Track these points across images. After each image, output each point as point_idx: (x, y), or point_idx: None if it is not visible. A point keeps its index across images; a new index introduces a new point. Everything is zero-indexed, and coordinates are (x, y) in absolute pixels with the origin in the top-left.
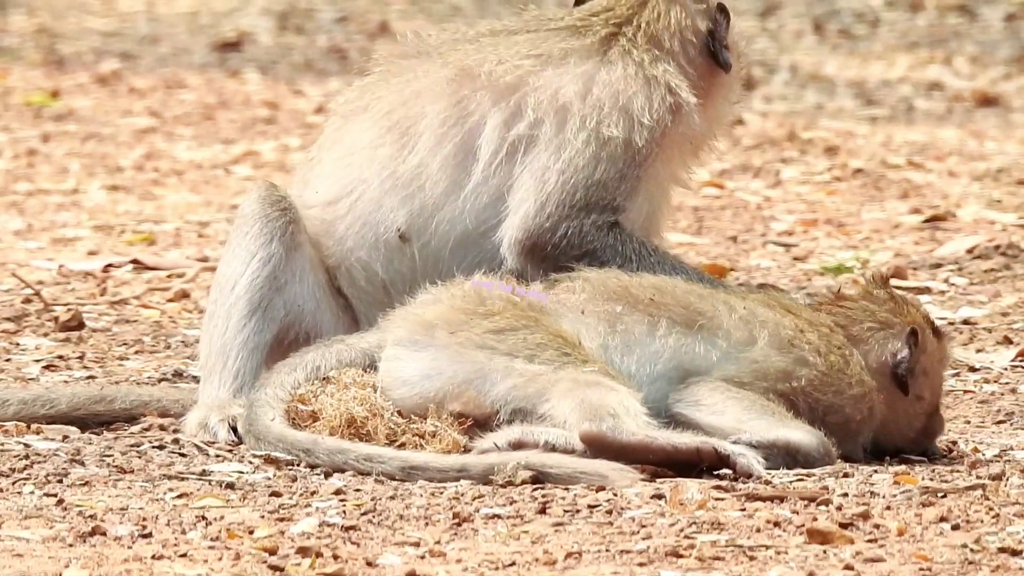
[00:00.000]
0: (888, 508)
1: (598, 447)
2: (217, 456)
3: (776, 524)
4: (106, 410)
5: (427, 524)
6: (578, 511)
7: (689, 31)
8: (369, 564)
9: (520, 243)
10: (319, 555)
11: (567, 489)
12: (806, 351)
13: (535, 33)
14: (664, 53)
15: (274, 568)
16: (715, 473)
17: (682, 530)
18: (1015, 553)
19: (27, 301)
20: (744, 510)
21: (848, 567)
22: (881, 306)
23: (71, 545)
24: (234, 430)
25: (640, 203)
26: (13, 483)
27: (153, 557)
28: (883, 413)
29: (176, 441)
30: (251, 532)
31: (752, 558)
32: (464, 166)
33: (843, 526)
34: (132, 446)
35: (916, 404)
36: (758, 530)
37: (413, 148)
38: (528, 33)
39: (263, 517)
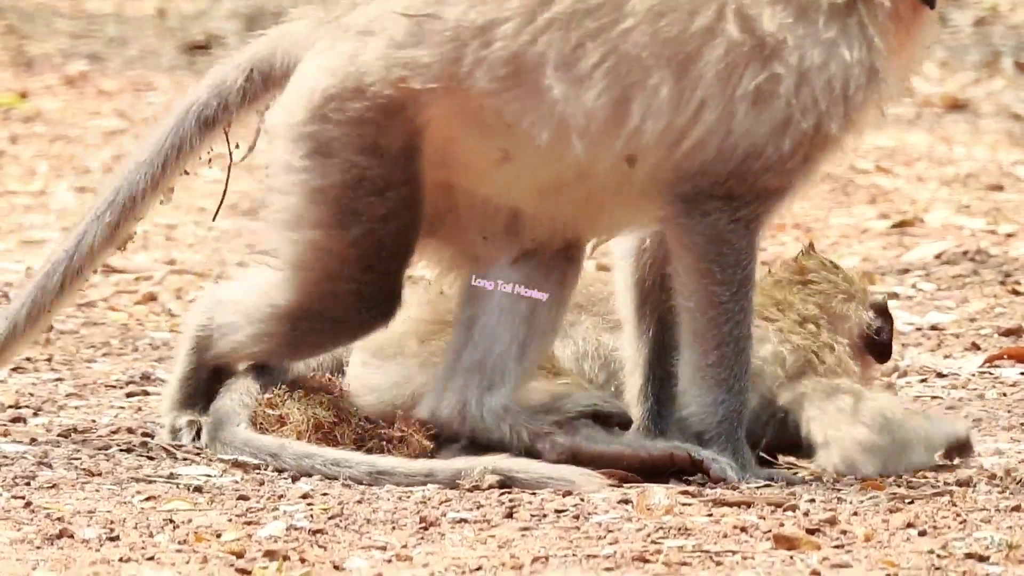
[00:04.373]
0: (855, 514)
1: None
2: (185, 459)
3: (743, 530)
4: None
5: (394, 528)
6: (545, 516)
7: None
8: (336, 567)
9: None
10: (286, 558)
11: (534, 494)
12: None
13: None
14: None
15: (241, 571)
16: (684, 479)
17: (649, 535)
18: (982, 559)
19: None
20: (711, 515)
21: (815, 573)
22: (835, 274)
23: (39, 547)
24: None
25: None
26: None
27: (120, 560)
28: None
29: (144, 444)
30: (218, 535)
31: (719, 563)
32: None
33: (810, 532)
34: (100, 449)
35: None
36: (725, 535)
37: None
38: None
39: (230, 520)
